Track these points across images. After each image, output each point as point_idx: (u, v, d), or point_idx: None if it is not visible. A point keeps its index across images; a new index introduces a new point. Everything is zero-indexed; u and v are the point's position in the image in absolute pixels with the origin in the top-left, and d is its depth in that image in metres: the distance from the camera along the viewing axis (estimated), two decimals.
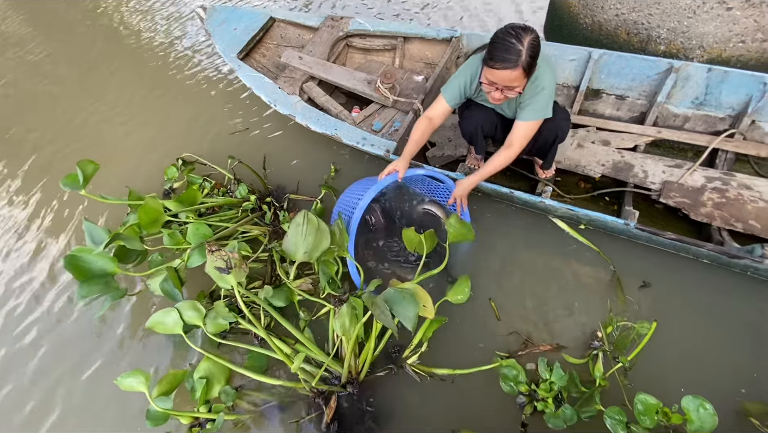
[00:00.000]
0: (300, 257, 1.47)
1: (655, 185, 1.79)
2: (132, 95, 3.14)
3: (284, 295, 1.61)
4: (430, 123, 1.64)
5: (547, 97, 1.48)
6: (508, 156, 1.58)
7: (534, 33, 1.27)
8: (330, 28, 2.40)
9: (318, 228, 1.47)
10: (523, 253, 1.82)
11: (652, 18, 1.84)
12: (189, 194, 1.76)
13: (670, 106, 1.92)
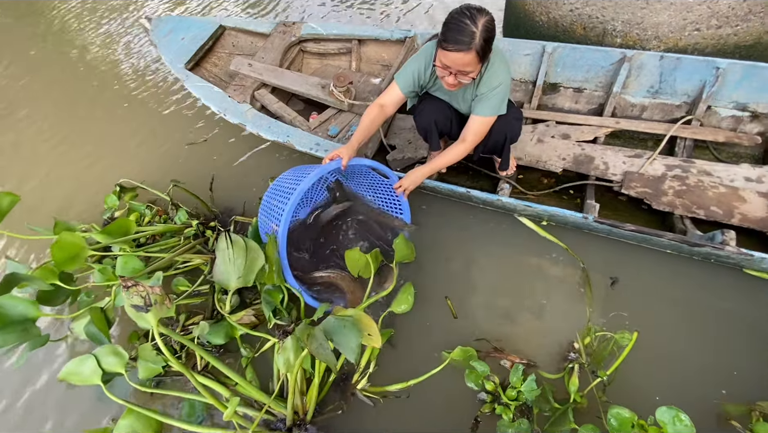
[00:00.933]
0: (234, 284, 1.36)
1: (617, 177, 1.75)
2: (70, 116, 2.99)
3: (224, 331, 1.48)
4: (382, 110, 1.57)
5: (502, 93, 1.43)
6: (461, 150, 1.53)
7: (489, 15, 1.22)
8: (282, 33, 2.33)
9: (246, 248, 1.37)
10: (488, 253, 1.74)
11: (606, 11, 1.81)
12: (120, 224, 1.60)
13: (627, 96, 1.90)
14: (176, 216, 1.88)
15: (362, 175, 1.79)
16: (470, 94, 1.50)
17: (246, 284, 1.40)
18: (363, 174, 1.78)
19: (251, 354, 1.52)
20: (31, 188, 2.48)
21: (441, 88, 1.57)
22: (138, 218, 1.92)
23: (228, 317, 1.46)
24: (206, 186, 2.14)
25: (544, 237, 1.69)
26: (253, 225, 1.69)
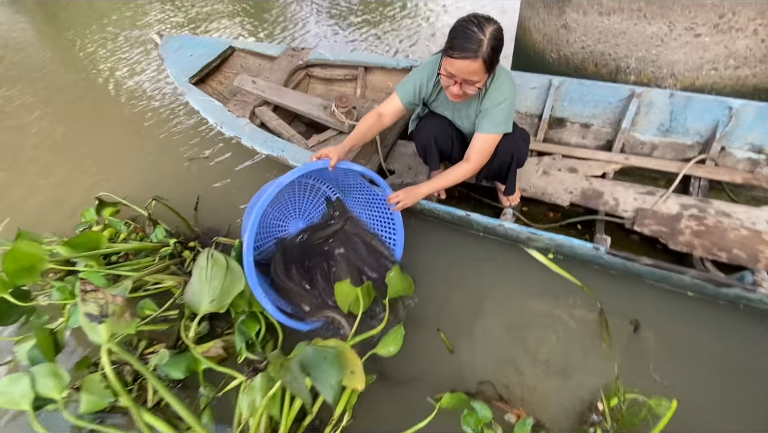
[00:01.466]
0: (205, 307, 1.21)
1: (628, 213, 1.63)
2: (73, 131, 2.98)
3: (185, 363, 1.28)
4: (380, 119, 1.50)
5: (507, 109, 1.36)
6: (464, 170, 1.43)
7: (497, 24, 1.18)
8: (290, 57, 2.35)
9: (227, 269, 1.25)
10: (492, 288, 1.58)
11: (618, 48, 1.78)
12: (88, 237, 1.47)
13: (636, 133, 1.83)
14: (153, 233, 1.74)
15: (357, 190, 1.69)
16: (474, 109, 1.44)
17: (219, 309, 1.24)
18: (358, 188, 1.67)
19: (212, 393, 1.30)
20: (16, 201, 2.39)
21: (444, 103, 1.51)
22: (113, 234, 1.78)
23: (192, 347, 1.28)
24: (190, 206, 2.00)
25: (554, 273, 1.53)
26: (236, 247, 1.52)
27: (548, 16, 1.93)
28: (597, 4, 1.70)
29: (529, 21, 2.09)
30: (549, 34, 1.97)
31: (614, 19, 1.69)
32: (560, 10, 1.85)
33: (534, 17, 2.04)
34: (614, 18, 1.68)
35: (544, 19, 1.96)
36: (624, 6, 1.64)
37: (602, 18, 1.72)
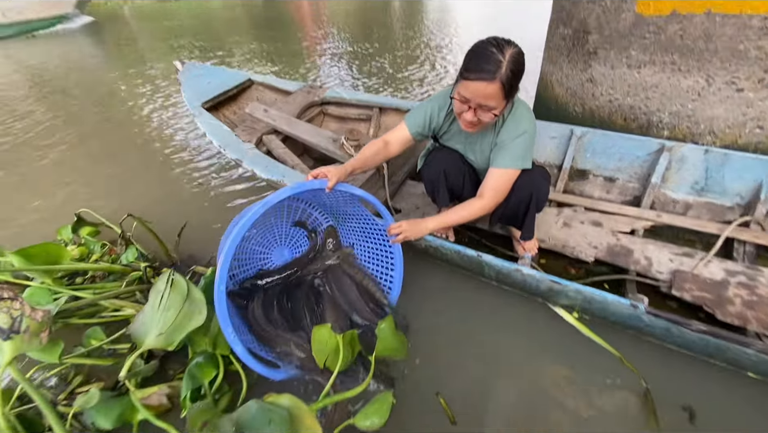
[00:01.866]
0: (150, 341, 1.02)
1: (663, 275, 1.42)
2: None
3: (118, 410, 1.04)
4: (385, 146, 1.38)
5: (526, 143, 1.24)
6: (476, 207, 1.27)
7: (518, 47, 1.08)
8: (306, 93, 2.35)
9: (187, 298, 1.06)
10: (503, 348, 1.33)
11: (650, 102, 1.67)
12: (46, 248, 1.32)
13: (668, 191, 1.68)
14: (123, 255, 1.57)
15: (354, 219, 1.52)
16: (489, 142, 1.31)
17: (167, 345, 1.03)
18: (356, 217, 1.51)
19: None
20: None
21: (455, 135, 1.40)
22: (85, 254, 1.62)
23: (132, 391, 1.04)
24: (181, 231, 1.85)
25: (579, 335, 1.30)
26: (207, 276, 1.34)
27: (572, 70, 1.89)
28: (626, 57, 1.64)
29: (551, 76, 2.06)
30: (573, 88, 1.91)
31: (645, 72, 1.61)
32: (585, 64, 1.80)
33: (556, 72, 2.01)
34: (645, 71, 1.61)
35: (568, 73, 1.92)
36: (656, 59, 1.57)
37: (632, 71, 1.65)
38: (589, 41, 1.74)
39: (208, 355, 1.15)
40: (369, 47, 5.99)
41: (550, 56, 2.06)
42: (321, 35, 7.03)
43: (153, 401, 1.06)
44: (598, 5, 1.66)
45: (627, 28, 1.59)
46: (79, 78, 4.84)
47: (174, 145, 2.86)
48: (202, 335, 1.18)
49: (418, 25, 8.98)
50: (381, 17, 10.51)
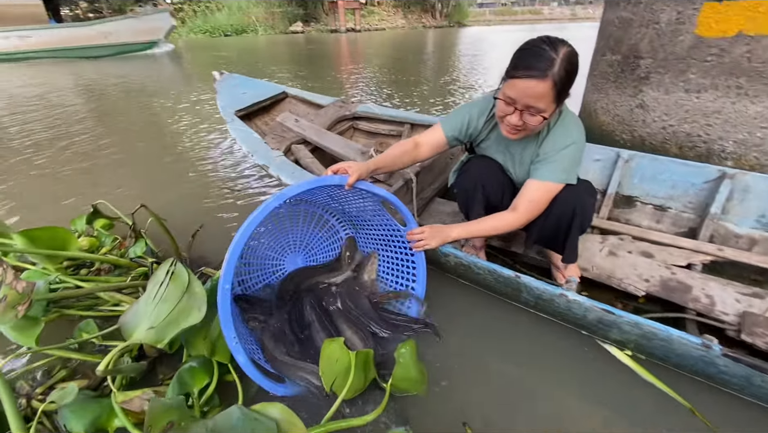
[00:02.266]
0: (139, 334, 0.92)
1: (729, 317, 1.24)
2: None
3: (94, 413, 0.92)
4: (415, 147, 1.29)
5: (574, 155, 1.13)
6: (509, 220, 1.16)
7: (572, 47, 1.00)
8: (338, 107, 2.33)
9: (186, 291, 0.96)
10: (539, 382, 1.16)
11: (711, 129, 1.54)
12: (53, 232, 1.26)
13: (728, 223, 1.52)
14: (131, 248, 1.51)
15: (374, 226, 1.41)
16: (531, 153, 1.21)
17: (157, 341, 0.93)
18: (375, 224, 1.40)
19: None
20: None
21: (495, 144, 1.30)
22: (95, 245, 1.57)
23: (114, 392, 0.93)
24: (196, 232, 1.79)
25: (637, 377, 1.12)
26: (214, 278, 1.25)
27: (620, 96, 1.79)
28: (683, 81, 1.54)
29: (596, 104, 1.97)
30: (621, 115, 1.80)
31: (705, 97, 1.50)
32: (636, 90, 1.71)
33: (602, 99, 1.92)
34: (705, 96, 1.50)
35: (615, 100, 1.83)
36: (718, 83, 1.46)
37: (689, 96, 1.54)
38: (640, 66, 1.66)
39: (203, 360, 1.03)
40: (401, 77, 6.15)
41: (594, 84, 1.98)
42: (355, 68, 7.30)
43: (134, 406, 0.93)
44: (652, 28, 1.58)
45: (685, 50, 1.50)
46: (141, 90, 5.22)
47: (202, 154, 2.89)
48: (201, 337, 1.07)
49: (451, 57, 9.26)
50: (416, 51, 10.93)
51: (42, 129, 3.79)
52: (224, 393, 1.06)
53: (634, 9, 1.64)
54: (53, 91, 5.87)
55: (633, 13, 1.65)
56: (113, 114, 4.42)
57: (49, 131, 3.71)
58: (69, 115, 4.36)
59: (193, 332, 1.08)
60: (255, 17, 22.95)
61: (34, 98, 5.33)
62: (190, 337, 1.05)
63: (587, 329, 1.25)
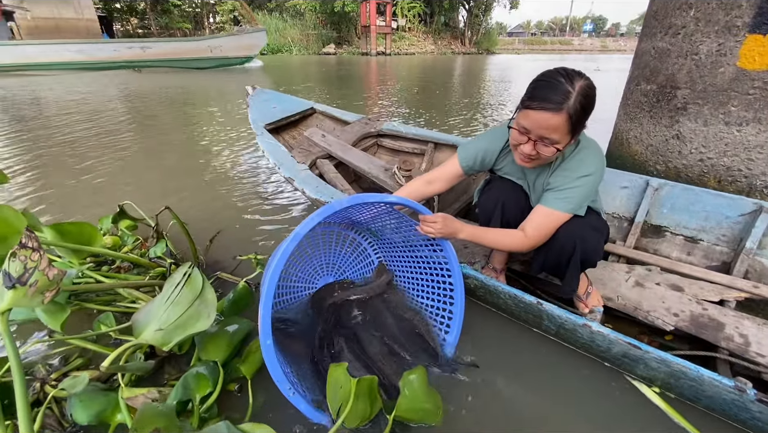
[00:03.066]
0: (147, 335, 0.94)
1: (765, 359, 1.16)
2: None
3: (99, 406, 0.92)
4: (427, 185, 1.34)
5: (588, 188, 1.12)
6: (515, 240, 1.16)
7: (589, 80, 1.00)
8: (364, 124, 2.39)
9: (199, 296, 0.98)
10: (557, 415, 1.10)
11: (753, 164, 1.48)
12: (81, 228, 1.30)
13: (765, 260, 1.44)
14: (152, 248, 1.57)
15: (406, 248, 1.41)
16: (542, 181, 1.21)
17: (163, 344, 0.94)
18: (406, 246, 1.40)
19: None
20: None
21: (510, 173, 1.31)
22: (118, 244, 1.64)
23: (122, 387, 0.94)
24: (214, 237, 1.86)
25: (665, 416, 1.06)
26: (238, 290, 1.31)
27: (655, 126, 1.76)
28: (723, 114, 1.50)
29: (628, 133, 1.93)
30: (655, 145, 1.76)
31: (747, 131, 1.46)
32: (672, 120, 1.67)
33: (635, 129, 1.88)
34: (747, 129, 1.46)
35: (649, 130, 1.79)
36: (762, 116, 1.41)
37: (730, 128, 1.50)
38: (677, 96, 1.63)
39: (211, 367, 1.03)
40: (426, 98, 6.24)
41: (627, 113, 1.95)
42: (383, 87, 7.50)
43: (138, 403, 0.93)
44: (691, 59, 1.56)
45: (726, 82, 1.47)
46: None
47: (234, 165, 3.00)
48: (215, 341, 1.09)
49: (477, 82, 9.36)
50: (444, 74, 11.15)
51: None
52: (225, 405, 1.05)
53: (672, 39, 1.63)
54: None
55: (671, 44, 1.64)
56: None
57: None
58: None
59: (208, 335, 1.10)
60: (291, 38, 24.02)
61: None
62: (204, 340, 1.07)
63: (611, 362, 1.19)
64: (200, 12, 24.91)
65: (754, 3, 1.35)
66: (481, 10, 34.36)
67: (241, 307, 1.36)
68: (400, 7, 30.33)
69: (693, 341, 1.28)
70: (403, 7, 30.36)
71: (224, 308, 1.32)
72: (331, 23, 26.49)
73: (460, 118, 5.09)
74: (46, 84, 8.67)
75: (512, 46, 44.31)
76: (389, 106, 5.87)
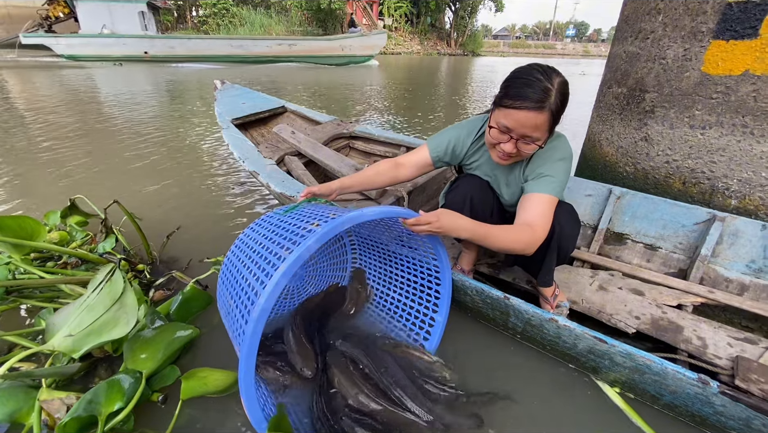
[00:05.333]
0: (57, 341, 0.88)
1: (722, 361, 1.18)
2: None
3: (16, 403, 0.87)
4: (396, 168, 1.27)
5: (567, 172, 1.12)
6: (527, 236, 1.03)
7: (563, 77, 1.00)
8: (336, 125, 2.34)
9: (118, 301, 0.91)
10: (521, 415, 1.09)
11: (715, 166, 1.50)
12: (22, 222, 1.23)
13: (718, 267, 1.47)
14: (101, 243, 1.50)
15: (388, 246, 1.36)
16: (518, 174, 1.19)
17: (72, 351, 0.88)
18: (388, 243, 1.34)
19: None
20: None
21: (482, 166, 1.28)
22: (65, 239, 1.56)
23: (42, 389, 0.88)
24: (172, 233, 1.79)
25: (631, 421, 1.06)
26: (185, 292, 1.25)
27: (625, 128, 1.78)
28: (688, 117, 1.52)
29: (600, 135, 1.95)
30: (625, 147, 1.78)
31: (711, 134, 1.48)
32: (640, 123, 1.69)
33: (606, 131, 1.90)
34: (711, 132, 1.48)
35: (620, 132, 1.81)
36: (724, 120, 1.43)
37: (694, 131, 1.52)
38: (645, 99, 1.65)
39: (132, 379, 0.92)
40: (410, 96, 6.24)
41: (600, 115, 1.97)
42: (369, 86, 7.62)
43: (53, 407, 0.87)
44: (658, 63, 1.58)
45: (691, 87, 1.49)
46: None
47: (207, 162, 2.91)
48: (145, 349, 1.00)
49: (462, 82, 9.52)
50: (429, 73, 11.37)
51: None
52: (149, 414, 0.99)
53: (642, 44, 1.65)
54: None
55: (640, 48, 1.66)
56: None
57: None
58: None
59: (140, 341, 1.03)
60: (276, 34, 23.68)
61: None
62: (134, 347, 1.00)
63: (576, 362, 1.19)
64: (183, 5, 24.31)
65: (718, 9, 1.37)
66: (467, 12, 34.70)
67: (193, 309, 1.30)
68: (387, 6, 30.31)
69: (653, 343, 1.30)
70: (390, 6, 30.35)
71: (172, 311, 1.27)
72: (317, 20, 26.23)
73: (439, 116, 5.10)
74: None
75: (497, 49, 44.92)
76: (373, 103, 5.86)
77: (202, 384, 1.00)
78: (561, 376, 1.21)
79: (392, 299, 1.37)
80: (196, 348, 1.22)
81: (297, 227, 0.86)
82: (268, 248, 0.85)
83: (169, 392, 1.05)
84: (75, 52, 12.98)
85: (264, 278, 0.75)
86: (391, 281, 1.39)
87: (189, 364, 1.15)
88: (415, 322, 1.29)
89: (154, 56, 13.62)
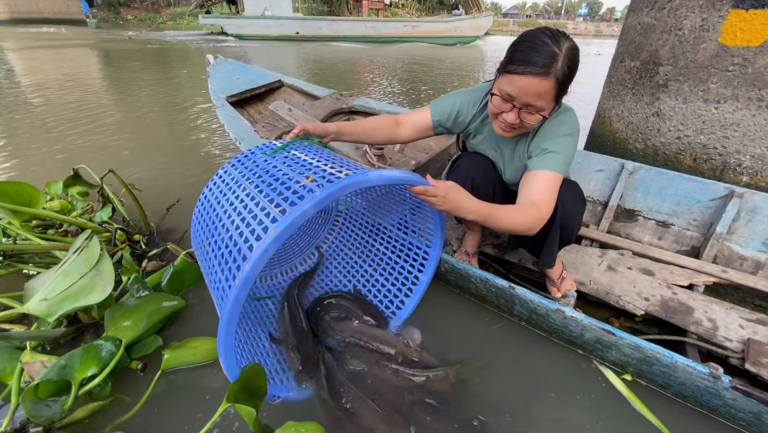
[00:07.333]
0: (32, 305, 0.87)
1: (732, 343, 1.15)
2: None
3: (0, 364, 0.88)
4: (395, 125, 1.22)
5: (572, 148, 1.05)
6: (534, 216, 0.96)
7: (573, 41, 0.92)
8: (335, 99, 2.25)
9: (94, 267, 0.90)
10: (535, 411, 1.07)
11: (728, 142, 1.44)
12: (20, 188, 1.23)
13: (734, 244, 1.43)
14: (99, 213, 1.51)
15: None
16: (523, 149, 1.12)
17: (47, 315, 0.87)
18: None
19: None
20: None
21: (486, 140, 1.22)
22: (66, 208, 1.57)
23: (26, 351, 0.89)
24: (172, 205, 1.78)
25: (635, 409, 1.03)
26: (176, 264, 1.25)
27: (636, 103, 1.69)
28: (702, 91, 1.44)
29: (611, 111, 1.87)
30: (635, 123, 1.70)
31: (725, 108, 1.40)
32: (653, 97, 1.61)
33: (617, 106, 1.82)
34: (725, 107, 1.40)
35: (631, 107, 1.73)
36: (739, 94, 1.36)
37: (708, 106, 1.44)
38: (659, 73, 1.56)
39: (112, 344, 0.91)
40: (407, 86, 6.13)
41: (611, 90, 1.88)
42: (369, 77, 7.37)
43: (34, 369, 0.86)
44: (674, 35, 1.49)
45: (707, 59, 1.41)
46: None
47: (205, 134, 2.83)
48: (128, 317, 1.01)
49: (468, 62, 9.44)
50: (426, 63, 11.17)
51: None
52: (127, 381, 0.98)
53: (657, 14, 1.56)
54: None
55: (656, 19, 1.57)
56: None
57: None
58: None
59: (122, 309, 1.03)
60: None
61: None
62: (115, 314, 1.00)
63: (584, 349, 1.16)
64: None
65: None
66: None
67: (186, 282, 1.30)
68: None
69: (662, 325, 1.27)
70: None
71: (163, 283, 1.26)
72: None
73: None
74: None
75: (506, 28, 43.73)
76: (376, 78, 5.70)
77: (181, 354, 1.02)
78: (569, 362, 1.17)
79: (377, 251, 1.35)
80: (183, 319, 1.22)
81: (288, 178, 0.79)
82: (254, 198, 0.77)
83: (149, 361, 1.05)
84: (242, 32, 15.61)
85: (252, 239, 0.68)
86: (378, 233, 1.36)
87: (174, 335, 1.15)
88: (398, 278, 1.28)
89: (303, 36, 16.30)
